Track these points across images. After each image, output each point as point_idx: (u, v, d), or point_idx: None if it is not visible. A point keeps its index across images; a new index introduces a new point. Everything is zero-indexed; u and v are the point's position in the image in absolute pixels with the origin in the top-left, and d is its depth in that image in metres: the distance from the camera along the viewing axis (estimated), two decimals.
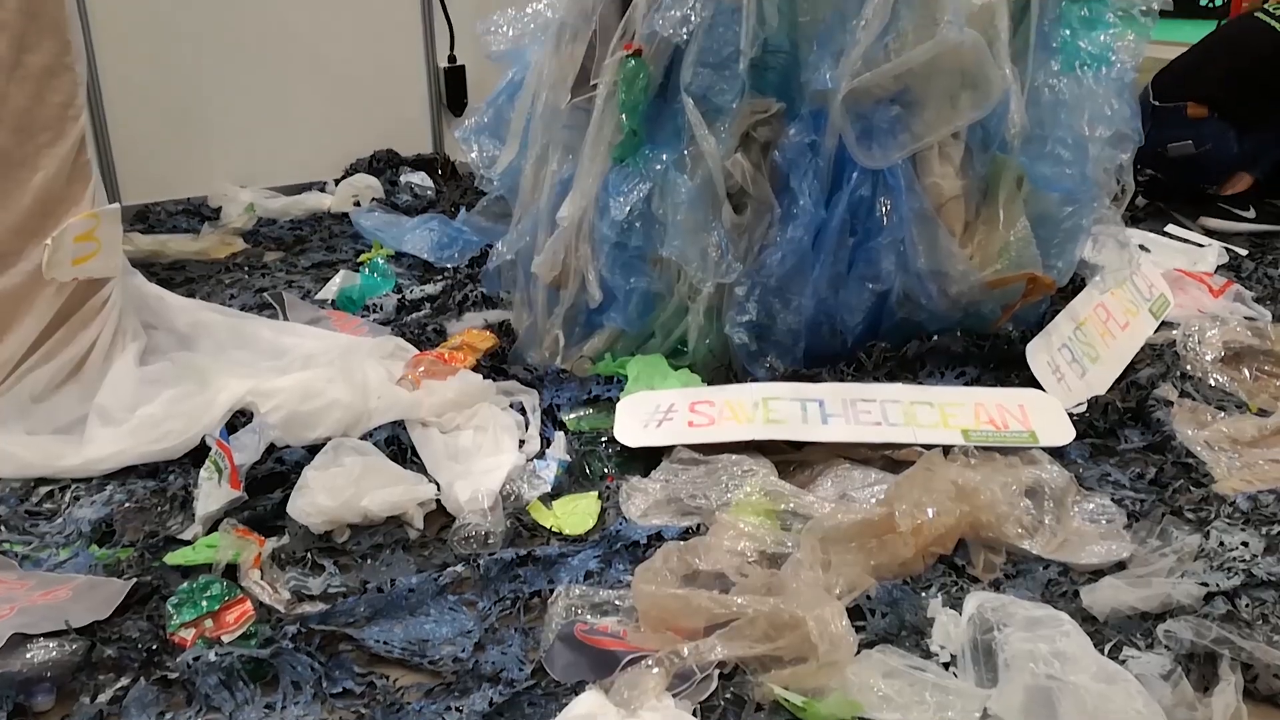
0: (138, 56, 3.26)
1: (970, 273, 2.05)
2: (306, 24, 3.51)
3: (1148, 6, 2.23)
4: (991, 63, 1.95)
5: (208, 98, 3.41)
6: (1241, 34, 3.21)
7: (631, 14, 2.00)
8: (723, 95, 1.95)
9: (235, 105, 3.45)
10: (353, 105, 3.66)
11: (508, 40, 2.31)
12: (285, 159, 3.56)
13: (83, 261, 2.01)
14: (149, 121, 3.32)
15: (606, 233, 2.01)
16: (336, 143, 3.64)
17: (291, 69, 3.52)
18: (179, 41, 3.32)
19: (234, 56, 3.42)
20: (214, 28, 3.36)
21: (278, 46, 3.49)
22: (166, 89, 3.33)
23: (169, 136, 3.37)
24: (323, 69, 3.57)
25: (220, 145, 3.46)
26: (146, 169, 3.34)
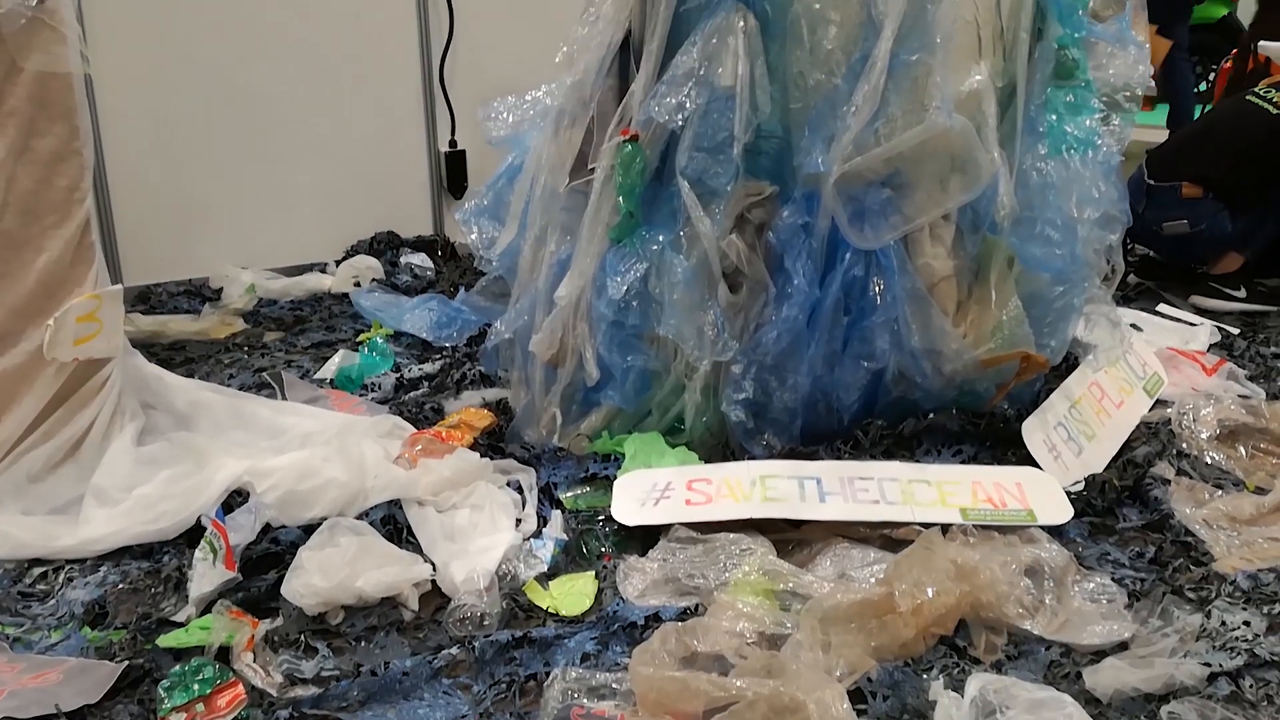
0: (143, 139, 3.32)
1: (964, 351, 2.07)
2: (310, 109, 3.58)
3: (1131, 92, 2.29)
4: (980, 147, 1.99)
5: (212, 180, 3.46)
6: (1235, 116, 3.28)
7: (628, 101, 2.06)
8: (717, 178, 1.99)
9: (239, 187, 3.51)
10: (355, 188, 3.72)
11: (508, 126, 2.37)
12: (287, 241, 3.60)
13: (84, 342, 2.02)
14: (153, 203, 3.36)
15: (604, 311, 2.03)
16: (338, 224, 3.69)
17: (295, 152, 3.59)
18: (185, 124, 3.38)
19: (238, 139, 3.48)
20: (219, 111, 3.43)
21: (281, 130, 3.55)
22: (172, 171, 3.39)
23: (172, 218, 3.41)
24: (326, 152, 3.64)
25: (223, 227, 3.50)
26: (149, 250, 3.38)
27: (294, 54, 3.51)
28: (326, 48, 3.56)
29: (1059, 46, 2.18)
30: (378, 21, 3.66)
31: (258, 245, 3.53)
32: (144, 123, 3.32)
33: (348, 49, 3.59)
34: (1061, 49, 2.18)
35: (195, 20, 3.34)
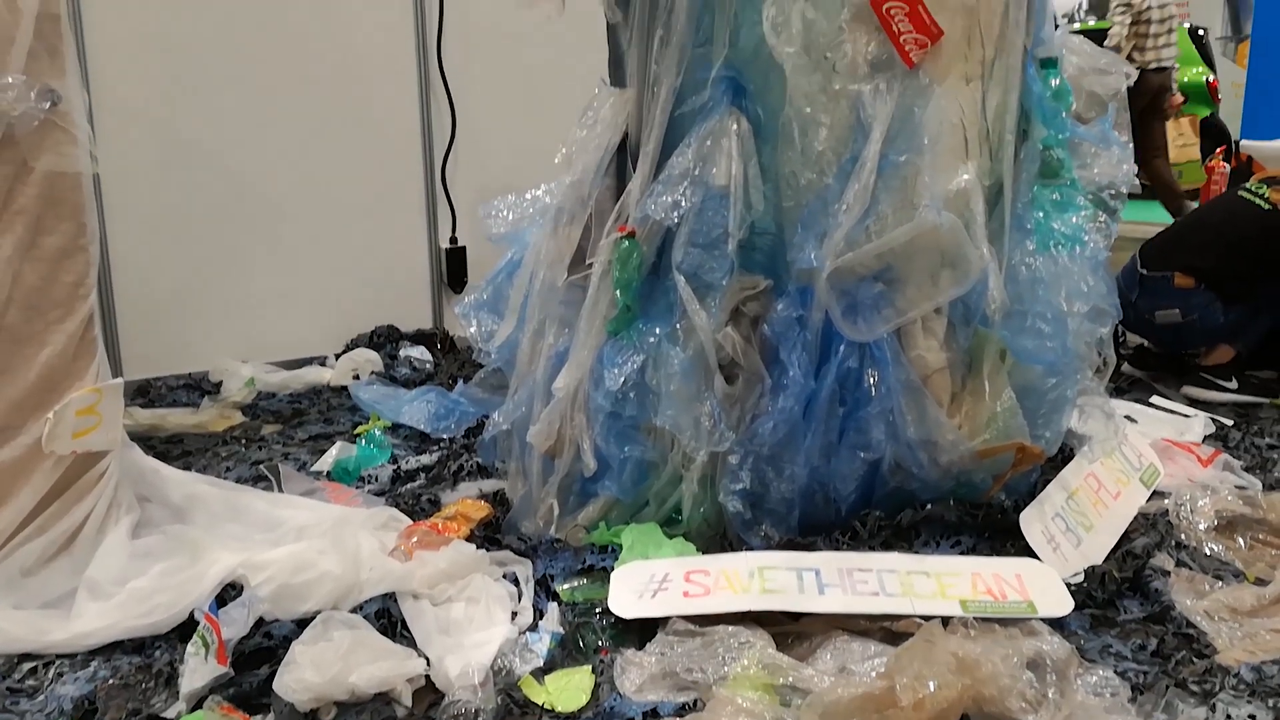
0: (148, 235, 3.38)
1: (960, 442, 2.08)
2: (314, 205, 3.66)
3: (1116, 191, 2.35)
4: (969, 243, 2.04)
5: (214, 274, 3.51)
6: (1228, 210, 3.35)
7: (625, 199, 2.11)
8: (713, 273, 2.03)
9: (241, 282, 3.56)
10: (356, 283, 3.77)
11: (508, 223, 2.42)
12: (287, 334, 3.64)
13: (83, 435, 2.02)
14: (155, 298, 3.41)
15: (601, 402, 2.05)
16: (338, 319, 3.74)
17: (298, 247, 3.65)
18: (189, 219, 3.45)
19: (242, 234, 3.54)
20: (223, 208, 3.50)
21: (285, 225, 3.62)
22: (175, 266, 3.44)
23: (174, 312, 3.45)
24: (329, 248, 3.70)
25: (224, 321, 3.54)
26: (150, 344, 3.41)
27: (298, 151, 3.60)
28: (331, 145, 3.65)
29: (1044, 147, 2.25)
30: (382, 121, 3.76)
31: (258, 339, 3.56)
32: (149, 218, 3.38)
33: (352, 147, 3.69)
34: (1046, 149, 2.25)
35: (200, 118, 3.43)
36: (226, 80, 3.45)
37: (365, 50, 3.69)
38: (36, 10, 2.05)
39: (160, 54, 3.34)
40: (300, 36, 3.55)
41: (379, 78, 3.74)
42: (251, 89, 3.50)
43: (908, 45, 1.97)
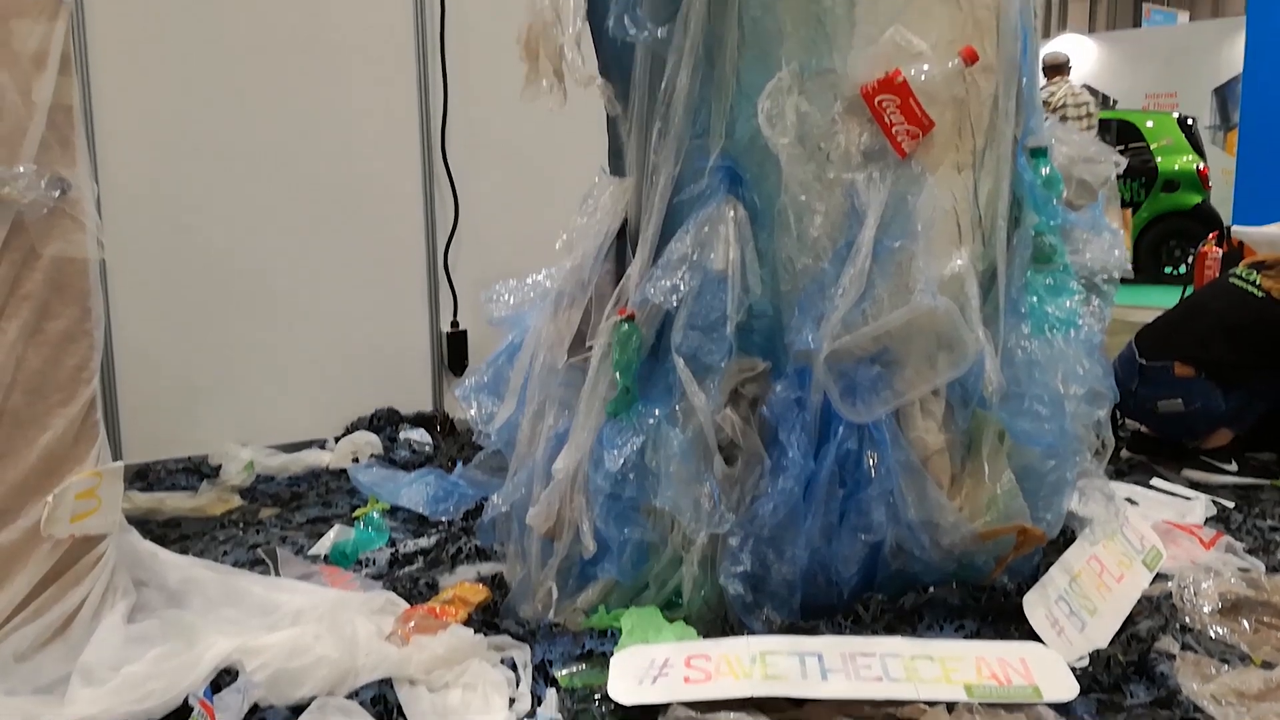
0: (151, 319, 3.41)
1: (961, 524, 2.07)
2: (317, 289, 3.70)
3: (1109, 275, 2.39)
4: (965, 326, 2.06)
5: (216, 358, 3.53)
6: (1222, 297, 3.39)
7: (625, 283, 2.15)
8: (711, 355, 2.05)
9: (243, 365, 3.58)
10: (357, 367, 3.79)
11: (509, 307, 2.46)
12: (287, 418, 3.65)
13: (81, 519, 2.02)
14: (157, 381, 3.42)
15: (601, 484, 2.05)
16: (339, 402, 3.75)
17: (300, 332, 3.68)
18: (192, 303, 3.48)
19: (244, 318, 3.57)
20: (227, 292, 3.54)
21: (287, 310, 3.66)
22: (178, 349, 3.46)
23: (175, 395, 3.46)
24: (331, 332, 3.73)
25: (225, 404, 3.55)
26: (151, 427, 3.41)
27: (302, 236, 3.66)
28: (335, 231, 3.71)
29: (1036, 233, 2.29)
30: (386, 209, 3.83)
31: (259, 422, 3.57)
32: (153, 303, 3.41)
33: (355, 233, 3.74)
34: (1039, 235, 2.29)
35: (206, 204, 3.49)
36: (233, 168, 3.52)
37: (370, 140, 3.77)
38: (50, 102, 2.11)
39: (168, 143, 3.41)
40: (307, 126, 3.63)
41: (384, 167, 3.82)
42: (257, 177, 3.57)
43: (900, 136, 2.02)
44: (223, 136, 3.49)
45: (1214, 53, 13.30)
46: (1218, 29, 14.47)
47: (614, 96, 2.25)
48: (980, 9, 2.10)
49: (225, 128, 3.50)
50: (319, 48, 3.62)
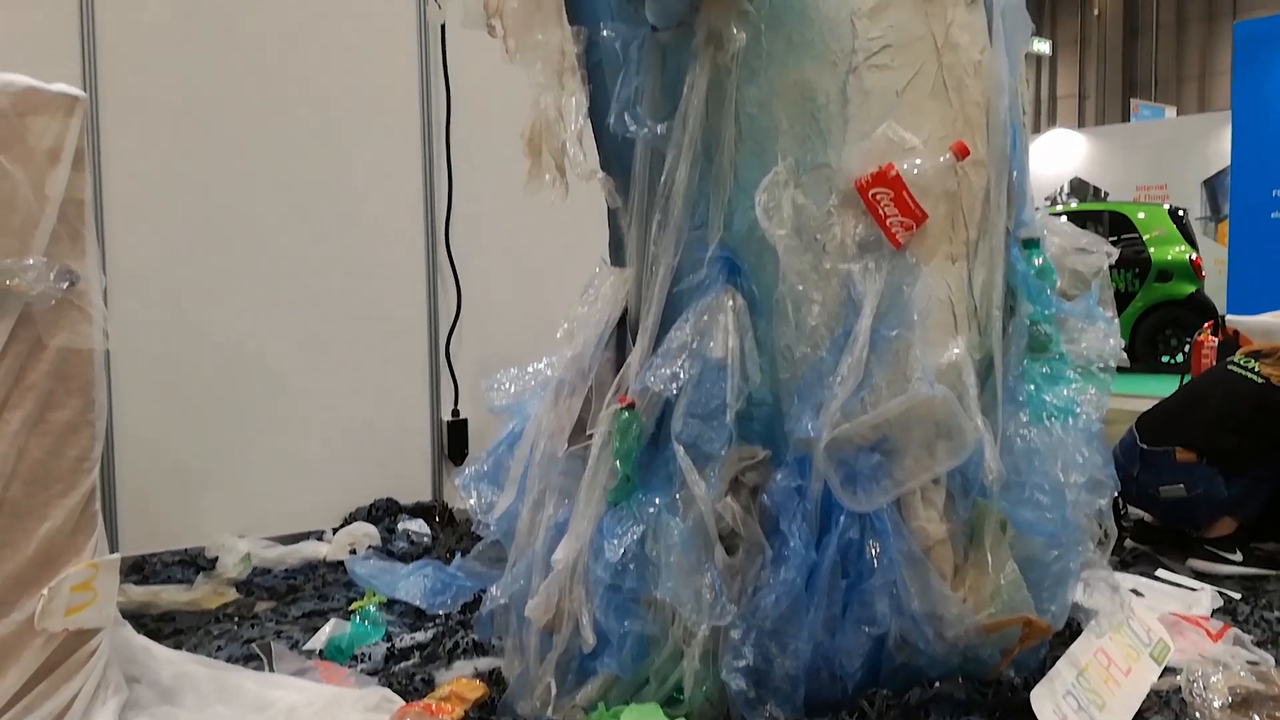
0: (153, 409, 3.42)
1: (965, 615, 2.05)
2: (319, 380, 3.72)
3: (1105, 364, 2.40)
4: (963, 414, 2.07)
5: (216, 449, 3.53)
6: (1222, 384, 3.40)
7: (625, 372, 2.16)
8: (711, 443, 2.06)
9: (242, 457, 3.57)
10: (357, 456, 3.79)
11: (509, 395, 2.47)
12: (286, 509, 3.63)
13: (76, 612, 2.00)
14: (157, 472, 3.41)
15: (600, 575, 2.03)
16: (338, 492, 3.73)
17: (300, 422, 3.69)
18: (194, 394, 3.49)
19: (245, 409, 3.58)
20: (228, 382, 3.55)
21: (288, 401, 3.67)
22: (178, 440, 3.46)
23: (174, 486, 3.45)
24: (331, 422, 3.74)
25: (223, 495, 3.54)
26: (148, 519, 3.39)
27: (305, 326, 3.69)
28: (337, 321, 3.74)
29: (1031, 322, 2.31)
30: (389, 299, 3.88)
31: (257, 513, 3.55)
32: (155, 392, 3.42)
33: (358, 323, 3.78)
34: (1034, 324, 2.32)
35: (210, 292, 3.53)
36: (238, 259, 3.57)
37: (375, 230, 3.83)
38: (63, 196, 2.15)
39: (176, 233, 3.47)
40: (312, 218, 3.70)
41: (387, 257, 3.87)
42: (262, 268, 3.62)
43: (894, 228, 2.06)
44: (229, 228, 3.55)
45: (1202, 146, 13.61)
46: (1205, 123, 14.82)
47: (615, 190, 2.30)
48: (970, 106, 2.16)
49: (232, 219, 3.56)
50: (326, 141, 3.71)
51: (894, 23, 2.08)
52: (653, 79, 2.16)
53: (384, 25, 3.84)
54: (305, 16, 3.65)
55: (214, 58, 3.49)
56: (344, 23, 3.72)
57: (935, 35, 2.12)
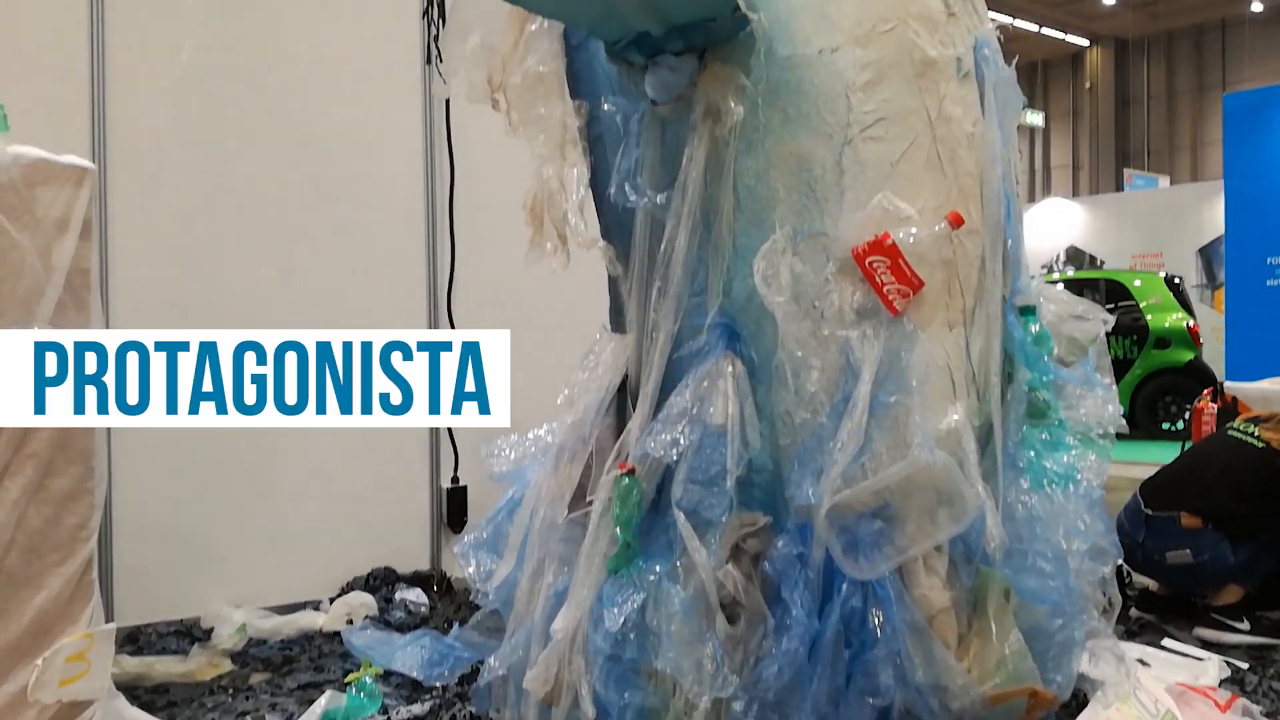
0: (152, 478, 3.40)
1: (970, 686, 2.02)
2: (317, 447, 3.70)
3: (1104, 430, 2.41)
4: (964, 481, 2.07)
5: (215, 519, 3.50)
6: (1223, 449, 3.40)
7: (625, 438, 2.17)
8: (712, 509, 2.05)
9: (240, 526, 3.55)
10: (355, 525, 3.76)
11: (510, 462, 2.47)
12: (283, 578, 3.59)
13: (70, 683, 1.98)
14: (155, 541, 3.38)
15: (600, 645, 2.01)
16: (335, 561, 3.70)
17: (299, 492, 3.67)
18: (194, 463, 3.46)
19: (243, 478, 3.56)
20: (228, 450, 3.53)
21: (288, 471, 3.65)
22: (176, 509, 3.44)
23: (171, 556, 3.42)
24: (330, 492, 3.72)
25: (219, 565, 3.50)
26: (144, 589, 3.35)
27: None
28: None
29: (1029, 389, 2.32)
30: None
31: (253, 583, 3.51)
32: (154, 458, 3.40)
33: None
34: (1032, 391, 2.33)
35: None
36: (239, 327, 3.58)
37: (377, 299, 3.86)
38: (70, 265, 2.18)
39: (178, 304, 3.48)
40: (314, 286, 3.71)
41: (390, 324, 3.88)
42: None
43: (891, 295, 2.08)
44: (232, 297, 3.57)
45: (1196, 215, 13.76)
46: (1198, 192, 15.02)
47: (615, 258, 2.33)
48: (964, 176, 2.20)
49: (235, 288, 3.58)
50: (330, 213, 3.75)
51: (888, 96, 2.13)
52: (652, 151, 2.20)
53: (390, 98, 3.91)
54: (312, 89, 3.72)
55: (222, 131, 3.55)
56: (351, 95, 3.80)
57: (928, 109, 2.16)
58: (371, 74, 3.86)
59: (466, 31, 2.40)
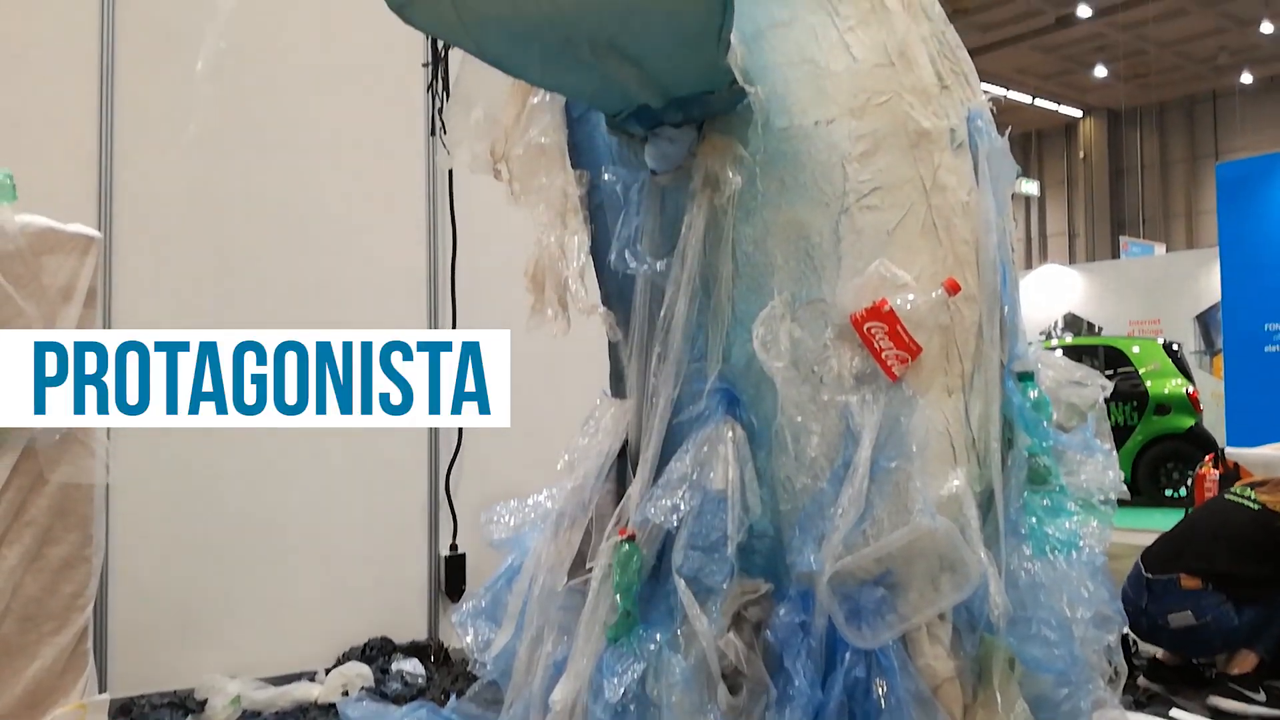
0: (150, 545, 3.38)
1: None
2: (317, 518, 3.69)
3: (1105, 496, 2.40)
4: (966, 548, 2.05)
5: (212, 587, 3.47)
6: (1221, 513, 3.40)
7: (625, 503, 2.16)
8: (713, 576, 2.04)
9: (237, 595, 3.52)
10: (352, 594, 3.73)
11: (509, 528, 2.46)
12: (279, 649, 3.55)
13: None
14: (150, 608, 3.35)
15: (600, 716, 1.98)
16: (332, 631, 3.66)
17: (297, 561, 3.64)
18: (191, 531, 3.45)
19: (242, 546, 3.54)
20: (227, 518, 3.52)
21: (286, 539, 3.63)
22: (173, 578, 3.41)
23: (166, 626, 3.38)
24: (328, 560, 3.69)
25: (215, 634, 3.46)
26: (139, 659, 3.31)
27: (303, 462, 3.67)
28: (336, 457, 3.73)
29: (1030, 454, 2.32)
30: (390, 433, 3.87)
31: (248, 653, 3.47)
32: (152, 527, 3.39)
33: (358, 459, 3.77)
34: (1033, 457, 2.32)
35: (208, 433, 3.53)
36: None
37: None
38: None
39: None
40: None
41: None
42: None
43: (889, 360, 2.09)
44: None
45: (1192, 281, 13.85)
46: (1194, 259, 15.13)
47: (616, 324, 2.35)
48: (959, 244, 2.23)
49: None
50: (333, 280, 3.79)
51: (883, 166, 2.17)
52: (652, 219, 2.23)
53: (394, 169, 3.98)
54: (317, 162, 3.78)
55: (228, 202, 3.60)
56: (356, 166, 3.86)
57: (923, 178, 2.20)
58: (376, 145, 3.93)
59: (470, 104, 2.46)
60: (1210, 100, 22.96)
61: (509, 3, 1.84)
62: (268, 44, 3.66)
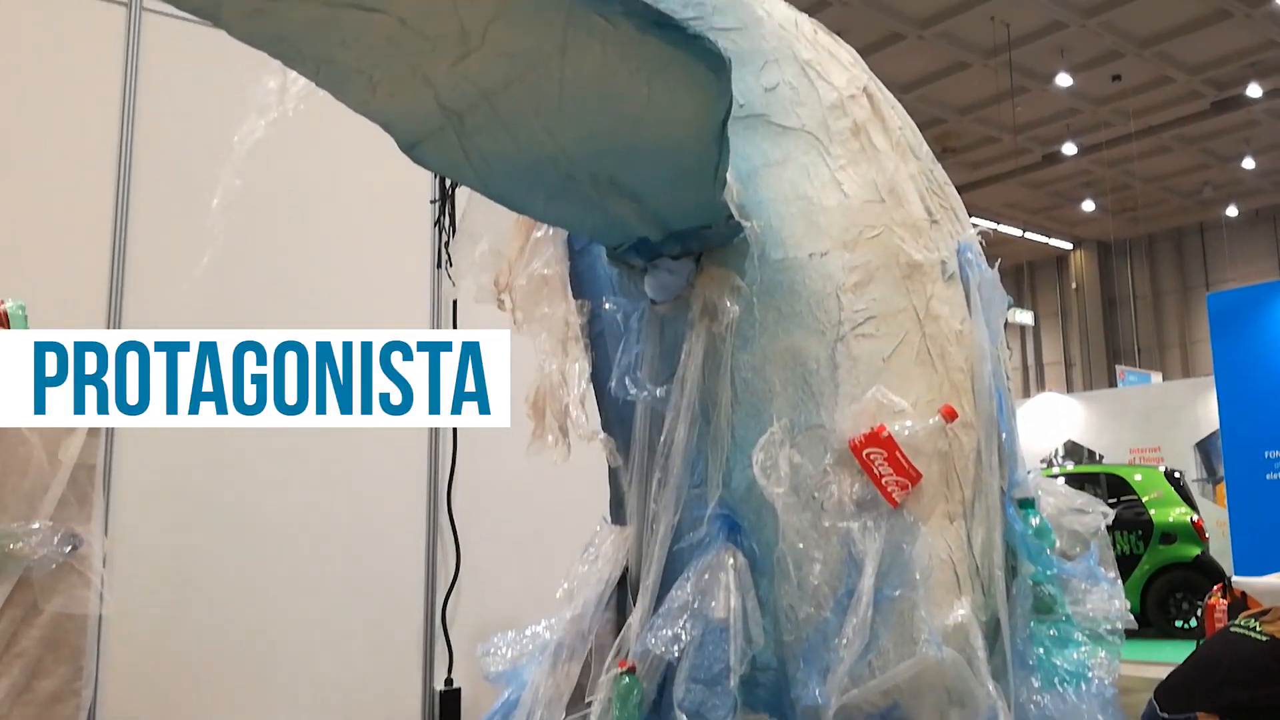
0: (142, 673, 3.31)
1: None
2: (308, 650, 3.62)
3: (1113, 626, 2.36)
4: (974, 680, 2.01)
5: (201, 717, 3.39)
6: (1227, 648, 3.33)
7: (625, 633, 2.13)
8: (715, 711, 1.99)
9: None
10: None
11: (506, 661, 2.41)
12: None
13: None
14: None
15: None
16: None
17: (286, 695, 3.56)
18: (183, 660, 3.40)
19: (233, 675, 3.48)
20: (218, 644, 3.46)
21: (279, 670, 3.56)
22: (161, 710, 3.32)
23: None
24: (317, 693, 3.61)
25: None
26: None
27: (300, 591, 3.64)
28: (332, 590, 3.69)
29: (1034, 583, 2.29)
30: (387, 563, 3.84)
31: None
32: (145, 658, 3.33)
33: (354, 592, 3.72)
34: (1037, 585, 2.30)
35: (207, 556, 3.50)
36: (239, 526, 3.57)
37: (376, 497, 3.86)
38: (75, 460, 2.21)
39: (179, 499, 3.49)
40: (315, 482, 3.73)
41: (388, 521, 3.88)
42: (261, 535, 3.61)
43: (890, 487, 2.10)
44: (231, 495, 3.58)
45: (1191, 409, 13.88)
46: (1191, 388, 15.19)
47: (615, 449, 2.36)
48: (955, 371, 2.26)
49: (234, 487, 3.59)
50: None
51: (877, 296, 2.22)
52: (652, 346, 2.27)
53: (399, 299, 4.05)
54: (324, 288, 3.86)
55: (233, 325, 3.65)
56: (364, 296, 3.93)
57: (916, 308, 2.25)
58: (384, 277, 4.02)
59: (476, 238, 2.53)
60: (1198, 233, 23.46)
61: (514, 142, 1.92)
62: (282, 184, 3.77)
